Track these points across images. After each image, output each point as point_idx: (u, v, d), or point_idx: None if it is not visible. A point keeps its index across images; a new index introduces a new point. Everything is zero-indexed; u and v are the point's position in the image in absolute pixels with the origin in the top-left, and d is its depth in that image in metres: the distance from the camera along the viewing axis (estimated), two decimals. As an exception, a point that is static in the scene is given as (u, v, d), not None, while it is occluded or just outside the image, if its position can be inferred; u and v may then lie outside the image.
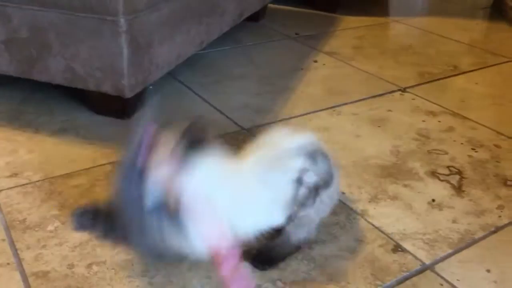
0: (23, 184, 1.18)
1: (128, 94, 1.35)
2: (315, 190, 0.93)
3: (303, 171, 0.91)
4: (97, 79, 1.34)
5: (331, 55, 2.10)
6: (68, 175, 1.22)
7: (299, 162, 0.91)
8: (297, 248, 1.01)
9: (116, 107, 1.45)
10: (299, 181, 0.91)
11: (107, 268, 0.96)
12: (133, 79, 1.35)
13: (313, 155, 0.93)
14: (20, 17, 1.32)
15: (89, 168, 1.25)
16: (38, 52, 1.35)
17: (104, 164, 1.27)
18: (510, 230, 1.14)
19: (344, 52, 2.13)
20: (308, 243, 1.02)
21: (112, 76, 1.33)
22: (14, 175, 1.21)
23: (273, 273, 0.98)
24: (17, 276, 0.93)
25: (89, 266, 0.97)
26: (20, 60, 1.39)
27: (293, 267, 0.99)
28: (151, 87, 1.63)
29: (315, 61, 2.02)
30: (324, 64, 2.00)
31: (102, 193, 1.16)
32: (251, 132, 1.47)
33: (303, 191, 0.92)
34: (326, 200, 0.97)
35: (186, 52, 1.60)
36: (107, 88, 1.35)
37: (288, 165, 0.91)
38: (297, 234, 0.98)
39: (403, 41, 2.35)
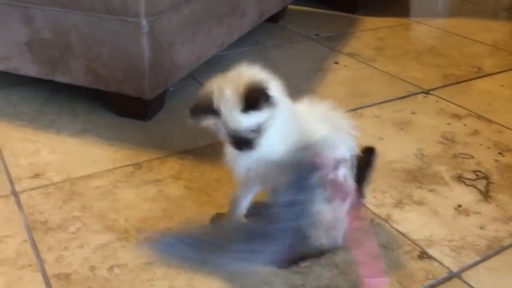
0: (45, 185, 1.18)
1: (149, 95, 1.35)
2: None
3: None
4: (119, 80, 1.34)
5: (352, 56, 2.07)
6: (89, 176, 1.22)
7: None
8: (321, 253, 1.00)
9: (137, 109, 1.44)
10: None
11: (129, 271, 0.96)
12: (154, 81, 1.34)
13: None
14: (43, 18, 1.32)
15: (110, 170, 1.25)
16: (60, 53, 1.36)
17: (125, 166, 1.27)
18: (540, 237, 1.11)
19: (365, 53, 2.11)
20: (331, 249, 1.00)
21: (133, 78, 1.33)
22: (36, 176, 1.21)
23: (296, 278, 0.96)
24: (39, 277, 0.93)
25: (110, 268, 0.96)
26: (42, 61, 1.40)
27: (316, 273, 0.97)
28: (171, 88, 1.63)
29: (336, 63, 2.00)
30: (345, 66, 1.98)
31: (122, 195, 1.16)
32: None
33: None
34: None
35: (206, 53, 1.59)
36: (128, 89, 1.35)
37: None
38: (319, 238, 0.96)
39: (425, 42, 2.31)
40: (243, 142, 0.91)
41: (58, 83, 1.43)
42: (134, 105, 1.43)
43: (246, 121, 0.88)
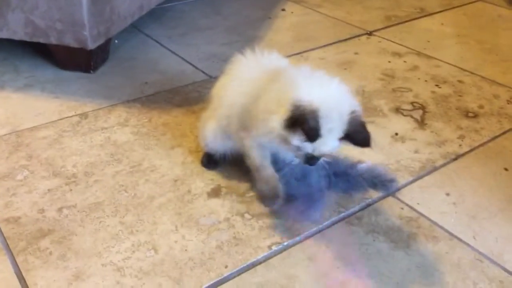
0: (-10, 139, 1.18)
1: (91, 45, 1.34)
2: None
3: None
4: (58, 31, 1.33)
5: (299, 3, 2.09)
6: (35, 128, 1.22)
7: None
8: None
9: (81, 61, 1.44)
10: None
11: (78, 211, 0.98)
12: (95, 30, 1.33)
13: None
14: (-27, -29, 1.28)
15: (56, 121, 1.25)
16: (-5, 7, 1.33)
17: (71, 116, 1.27)
18: (470, 157, 1.19)
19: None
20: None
21: (73, 28, 1.31)
22: (-19, 130, 1.21)
23: (241, 207, 1.01)
24: (-12, 222, 0.95)
25: (59, 210, 0.98)
26: (-22, 17, 1.36)
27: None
28: (116, 41, 1.61)
29: (283, 10, 2.01)
30: (292, 12, 1.99)
31: (69, 143, 1.17)
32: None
33: None
34: None
35: (149, 2, 1.58)
36: (69, 40, 1.34)
37: None
38: None
39: (371, -13, 2.34)
40: (316, 160, 0.90)
41: (-3, 39, 1.41)
42: (78, 57, 1.42)
43: (336, 145, 0.87)
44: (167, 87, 1.43)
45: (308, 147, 0.86)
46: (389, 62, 1.62)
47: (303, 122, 0.82)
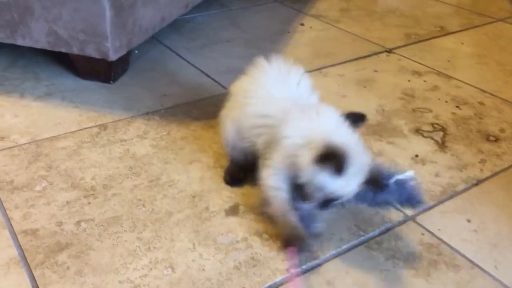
0: (10, 147, 1.18)
1: (113, 56, 1.34)
2: None
3: None
4: (81, 42, 1.33)
5: (318, 18, 2.08)
6: (55, 138, 1.22)
7: None
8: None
9: (101, 71, 1.44)
10: None
11: (96, 225, 0.98)
12: (117, 41, 1.34)
13: None
14: (-1, -20, 1.29)
15: (75, 131, 1.25)
16: (19, 15, 1.34)
17: (90, 127, 1.27)
18: (491, 182, 1.17)
19: (331, 14, 2.12)
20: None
21: (95, 39, 1.32)
22: (1, 138, 1.21)
23: (260, 226, 1.00)
24: (6, 233, 0.94)
25: (77, 223, 0.98)
26: (2, 25, 1.37)
27: (279, 221, 1.01)
28: (136, 51, 1.62)
29: (302, 24, 2.01)
30: (310, 27, 1.99)
31: (88, 154, 1.17)
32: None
33: None
34: None
35: (171, 14, 1.58)
36: (90, 51, 1.34)
37: None
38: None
39: (390, 3, 2.34)
40: (331, 204, 0.92)
41: (20, 49, 1.41)
42: (98, 67, 1.43)
43: (355, 189, 0.90)
44: (185, 99, 1.43)
45: (331, 185, 0.87)
46: (409, 81, 1.60)
47: (335, 156, 0.85)
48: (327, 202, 0.91)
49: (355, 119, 0.96)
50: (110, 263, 0.90)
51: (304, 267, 0.92)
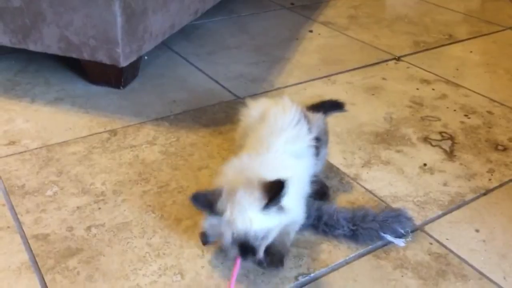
0: (21, 152, 1.19)
1: (123, 62, 1.36)
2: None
3: None
4: (92, 48, 1.35)
5: (326, 25, 2.09)
6: (65, 143, 1.23)
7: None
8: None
9: (111, 77, 1.45)
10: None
11: (106, 231, 0.99)
12: (128, 48, 1.35)
13: None
14: (13, -14, 1.31)
15: (85, 136, 1.27)
16: (31, 21, 1.35)
17: (100, 133, 1.28)
18: (500, 192, 1.17)
19: (339, 21, 2.13)
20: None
21: (106, 45, 1.33)
22: (12, 143, 1.22)
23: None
24: (18, 238, 0.95)
25: (88, 228, 0.99)
26: (14, 30, 1.39)
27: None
28: (146, 57, 1.63)
29: (310, 31, 2.02)
30: (319, 34, 2.00)
31: (98, 160, 1.18)
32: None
33: None
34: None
35: (180, 21, 1.59)
36: (101, 57, 1.35)
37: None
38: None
39: (398, 11, 2.35)
40: (250, 251, 0.84)
41: (31, 53, 1.43)
42: (109, 73, 1.44)
43: (259, 223, 0.83)
44: (194, 106, 1.44)
45: (223, 228, 0.84)
46: (417, 89, 1.61)
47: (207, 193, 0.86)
48: (244, 250, 0.84)
49: (331, 106, 0.94)
50: (120, 269, 0.91)
51: (312, 275, 0.92)
